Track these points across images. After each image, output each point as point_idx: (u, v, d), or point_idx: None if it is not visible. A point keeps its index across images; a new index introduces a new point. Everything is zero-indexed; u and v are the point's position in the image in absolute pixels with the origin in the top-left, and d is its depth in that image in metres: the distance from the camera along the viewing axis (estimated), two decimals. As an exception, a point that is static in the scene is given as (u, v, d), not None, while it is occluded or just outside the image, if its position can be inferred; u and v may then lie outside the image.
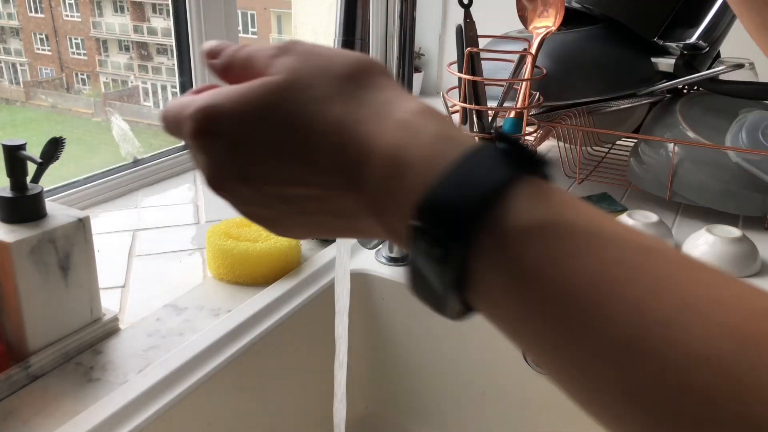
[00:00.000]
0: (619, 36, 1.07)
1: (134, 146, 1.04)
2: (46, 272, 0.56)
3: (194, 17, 1.07)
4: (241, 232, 0.75)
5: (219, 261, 0.73)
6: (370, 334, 0.82)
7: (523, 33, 1.06)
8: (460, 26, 0.90)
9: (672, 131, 0.98)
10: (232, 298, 0.71)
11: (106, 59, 1.34)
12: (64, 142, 0.58)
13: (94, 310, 0.62)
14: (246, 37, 1.79)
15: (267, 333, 0.67)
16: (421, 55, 1.63)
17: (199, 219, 0.92)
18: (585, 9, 1.08)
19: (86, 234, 0.59)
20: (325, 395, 0.57)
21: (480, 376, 0.76)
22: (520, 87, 0.92)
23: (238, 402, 0.66)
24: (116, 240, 0.84)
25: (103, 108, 1.27)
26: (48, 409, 0.53)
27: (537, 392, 0.74)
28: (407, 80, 0.73)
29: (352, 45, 0.51)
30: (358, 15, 0.52)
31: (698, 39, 1.00)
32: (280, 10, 1.96)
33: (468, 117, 0.92)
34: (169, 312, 0.68)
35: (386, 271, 0.79)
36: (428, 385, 0.81)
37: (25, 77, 1.16)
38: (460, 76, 0.90)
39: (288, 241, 0.75)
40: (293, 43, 0.30)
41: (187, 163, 1.10)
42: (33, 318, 0.56)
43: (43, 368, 0.57)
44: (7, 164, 0.56)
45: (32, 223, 0.56)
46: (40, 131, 1.19)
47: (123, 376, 0.58)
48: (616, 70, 1.06)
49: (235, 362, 0.63)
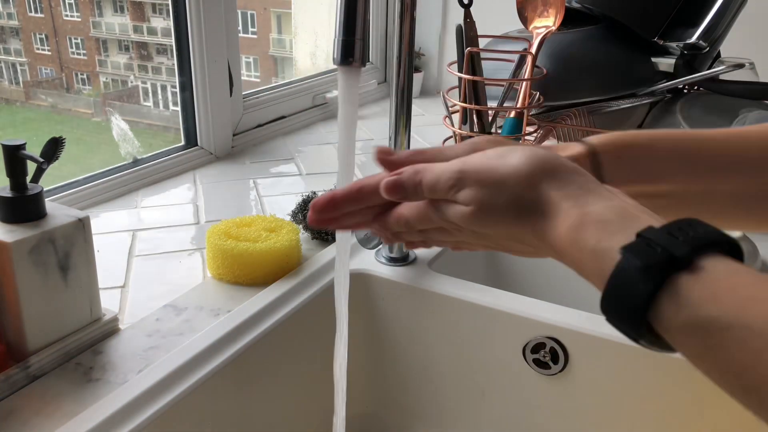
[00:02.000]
0: (619, 36, 1.07)
1: (134, 146, 1.04)
2: (46, 272, 0.56)
3: (194, 17, 1.07)
4: (240, 232, 0.75)
5: (219, 261, 0.73)
6: (370, 334, 0.82)
7: (523, 33, 1.06)
8: (460, 26, 0.90)
9: (672, 131, 0.98)
10: (232, 299, 0.71)
11: (106, 59, 1.34)
12: (64, 142, 0.58)
13: (94, 310, 0.62)
14: (246, 37, 1.78)
15: (267, 333, 0.67)
16: (421, 55, 1.63)
17: (198, 219, 0.92)
18: (585, 9, 1.08)
19: (86, 234, 0.59)
20: (325, 395, 0.57)
21: (480, 376, 0.76)
22: (520, 87, 0.92)
23: (238, 402, 0.65)
24: (116, 240, 0.84)
25: (103, 108, 1.27)
26: (48, 409, 0.53)
27: (537, 392, 0.74)
28: (407, 80, 0.73)
29: (353, 45, 0.51)
30: (358, 15, 0.51)
31: (698, 39, 1.00)
32: (280, 10, 1.95)
33: (468, 117, 0.92)
34: (169, 312, 0.68)
35: (386, 271, 0.79)
36: (428, 385, 0.81)
37: (24, 77, 1.16)
38: (460, 76, 0.90)
39: (288, 241, 0.75)
40: (464, 172, 0.37)
41: (186, 163, 1.10)
42: (33, 318, 0.56)
43: (42, 368, 0.57)
44: (7, 164, 0.56)
45: (32, 223, 0.56)
46: (39, 131, 1.19)
47: (123, 376, 0.58)
48: (616, 70, 1.06)
49: (235, 362, 0.63)
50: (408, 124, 0.75)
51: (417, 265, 0.79)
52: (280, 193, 1.02)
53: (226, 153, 1.17)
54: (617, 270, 0.30)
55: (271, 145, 1.24)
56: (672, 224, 0.30)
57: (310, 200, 0.85)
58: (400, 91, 0.73)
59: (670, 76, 1.05)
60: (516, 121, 0.92)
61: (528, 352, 0.71)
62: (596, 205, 0.33)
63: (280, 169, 1.12)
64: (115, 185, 0.98)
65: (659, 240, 0.29)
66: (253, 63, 1.90)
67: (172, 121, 1.19)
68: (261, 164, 1.14)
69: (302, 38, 1.67)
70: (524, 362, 0.72)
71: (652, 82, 1.05)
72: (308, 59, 1.67)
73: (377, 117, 1.46)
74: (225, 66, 1.14)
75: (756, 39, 1.24)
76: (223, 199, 0.99)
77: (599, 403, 0.71)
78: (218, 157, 1.15)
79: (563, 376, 0.72)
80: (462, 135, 0.91)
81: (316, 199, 0.42)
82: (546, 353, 0.71)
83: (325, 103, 1.42)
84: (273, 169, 1.12)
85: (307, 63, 1.67)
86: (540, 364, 0.72)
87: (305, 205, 0.84)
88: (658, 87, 1.05)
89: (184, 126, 1.14)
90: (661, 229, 0.30)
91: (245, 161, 1.15)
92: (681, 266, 0.28)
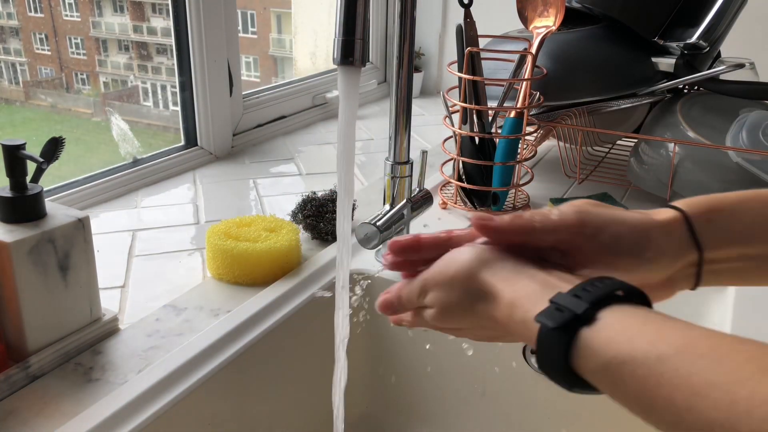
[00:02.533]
0: (619, 36, 1.07)
1: (134, 146, 1.04)
2: (46, 272, 0.56)
3: (194, 17, 1.07)
4: (240, 232, 0.75)
5: (219, 261, 0.73)
6: (370, 335, 0.81)
7: (523, 33, 1.06)
8: (460, 26, 0.90)
9: (672, 131, 0.98)
10: (232, 299, 0.71)
11: (105, 59, 1.34)
12: (64, 141, 0.58)
13: (94, 310, 0.62)
14: (246, 37, 1.78)
15: (267, 333, 0.67)
16: (421, 55, 1.63)
17: (198, 219, 0.92)
18: (585, 9, 1.08)
19: (86, 234, 0.59)
20: (325, 395, 0.57)
21: (480, 376, 0.76)
22: (521, 87, 0.92)
23: (238, 402, 0.65)
24: (116, 240, 0.84)
25: (103, 108, 1.27)
26: (48, 410, 0.53)
27: (537, 392, 0.74)
28: (407, 80, 0.73)
29: (352, 45, 0.51)
30: (358, 15, 0.51)
31: (698, 39, 1.00)
32: (279, 10, 1.95)
33: (468, 117, 0.92)
34: (169, 312, 0.68)
35: (386, 271, 0.79)
36: (428, 386, 0.81)
37: (24, 77, 1.16)
38: (460, 76, 0.90)
39: (288, 241, 0.74)
40: (426, 281, 0.43)
41: (186, 163, 1.10)
42: (32, 318, 0.56)
43: (42, 368, 0.57)
44: (7, 164, 0.56)
45: (32, 222, 0.56)
46: (39, 131, 1.19)
47: (123, 376, 0.58)
48: (616, 70, 1.06)
49: (235, 362, 0.63)
50: (408, 124, 0.75)
51: (417, 265, 0.79)
52: (280, 193, 1.02)
53: (226, 153, 1.17)
54: (539, 334, 0.34)
55: (271, 145, 1.24)
56: (578, 286, 0.35)
57: (310, 200, 0.85)
58: (400, 91, 0.73)
59: (670, 76, 1.04)
60: (516, 121, 0.92)
61: (528, 352, 0.71)
62: (523, 282, 0.38)
63: (279, 169, 1.12)
64: (115, 185, 0.98)
65: (565, 303, 0.34)
66: (253, 63, 1.89)
67: (171, 121, 1.19)
68: (261, 164, 1.14)
69: (302, 38, 1.67)
70: (524, 362, 0.72)
71: (652, 82, 1.05)
72: (308, 59, 1.67)
73: (377, 117, 1.46)
74: (225, 66, 1.14)
75: (756, 39, 1.24)
76: (223, 199, 0.99)
77: (599, 403, 0.71)
78: (218, 157, 1.15)
79: (563, 376, 0.71)
80: (462, 135, 0.91)
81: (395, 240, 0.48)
82: (546, 353, 0.71)
83: (325, 103, 1.42)
84: (273, 169, 1.12)
85: (307, 63, 1.67)
86: (540, 364, 0.72)
87: (305, 205, 0.84)
88: (658, 87, 1.05)
89: (183, 126, 1.14)
90: (567, 293, 0.35)
91: (245, 161, 1.15)
92: (583, 322, 0.33)
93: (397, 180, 0.76)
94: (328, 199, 0.85)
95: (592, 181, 1.05)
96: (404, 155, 0.76)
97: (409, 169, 0.77)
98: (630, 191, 1.04)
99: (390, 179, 0.77)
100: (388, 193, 0.77)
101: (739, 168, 0.90)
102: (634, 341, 0.31)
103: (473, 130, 0.93)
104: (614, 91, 1.05)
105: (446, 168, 1.01)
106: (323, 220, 0.83)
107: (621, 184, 1.04)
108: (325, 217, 0.83)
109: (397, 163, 0.76)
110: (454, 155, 0.94)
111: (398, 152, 0.76)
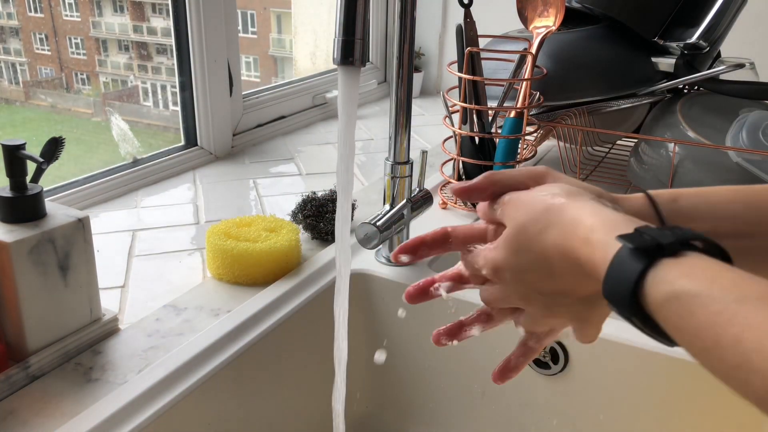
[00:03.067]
0: (619, 36, 1.07)
1: (134, 146, 1.04)
2: (46, 272, 0.56)
3: (194, 17, 1.07)
4: (240, 232, 0.75)
5: (219, 261, 0.73)
6: (370, 334, 0.82)
7: (523, 33, 1.06)
8: (460, 26, 0.90)
9: (672, 131, 0.98)
10: (232, 299, 0.71)
11: (105, 59, 1.34)
12: (64, 141, 0.58)
13: (94, 310, 0.62)
14: (246, 37, 1.78)
15: (267, 333, 0.67)
16: (421, 55, 1.63)
17: (198, 219, 0.92)
18: (585, 9, 1.08)
19: (86, 234, 0.59)
20: (325, 395, 0.57)
21: (480, 376, 0.76)
22: (520, 87, 0.92)
23: (238, 402, 0.65)
24: (116, 240, 0.84)
25: (103, 108, 1.27)
26: (48, 410, 0.53)
27: (537, 392, 0.74)
28: (407, 80, 0.73)
29: (352, 45, 0.51)
30: (358, 15, 0.51)
31: (698, 39, 1.00)
32: (279, 10, 1.95)
33: (468, 117, 0.92)
34: (169, 312, 0.68)
35: (386, 271, 0.79)
36: (428, 386, 0.81)
37: (24, 77, 1.16)
38: (460, 76, 0.90)
39: (288, 241, 0.74)
40: (508, 198, 0.44)
41: (186, 163, 1.10)
42: (32, 318, 0.56)
43: (42, 368, 0.57)
44: (7, 164, 0.56)
45: (32, 222, 0.56)
46: (39, 131, 1.19)
47: (122, 376, 0.58)
48: (616, 70, 1.06)
49: (235, 362, 0.63)
50: (408, 124, 0.75)
51: (417, 265, 0.79)
52: (280, 193, 1.02)
53: (226, 153, 1.17)
54: (617, 254, 0.34)
55: (271, 145, 1.24)
56: (668, 225, 0.35)
57: (310, 200, 0.85)
58: (400, 91, 0.73)
59: (670, 76, 1.04)
60: (516, 121, 0.92)
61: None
62: (606, 212, 0.38)
63: (279, 169, 1.12)
64: (115, 185, 0.98)
65: (651, 232, 0.34)
66: (253, 63, 1.90)
67: (171, 120, 1.19)
68: (261, 164, 1.14)
69: (302, 38, 1.67)
70: (524, 362, 0.72)
71: (652, 82, 1.05)
72: (308, 59, 1.67)
73: (377, 117, 1.46)
74: (225, 66, 1.14)
75: (756, 39, 1.24)
76: (222, 199, 0.99)
77: (599, 403, 0.71)
78: (218, 157, 1.15)
79: (563, 376, 0.72)
80: (462, 135, 0.91)
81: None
82: (546, 353, 0.71)
83: (325, 103, 1.42)
84: (273, 169, 1.12)
85: (306, 63, 1.67)
86: (540, 364, 0.72)
87: (305, 205, 0.84)
88: (658, 87, 1.05)
89: (183, 126, 1.14)
90: (656, 228, 0.35)
91: (245, 161, 1.15)
92: (666, 253, 0.33)
93: (397, 180, 0.77)
94: (328, 199, 0.85)
95: (592, 181, 1.05)
96: (404, 155, 0.76)
97: (409, 169, 0.77)
98: (630, 191, 1.04)
99: (390, 179, 0.77)
100: (388, 193, 0.78)
101: (739, 168, 0.90)
102: (716, 281, 0.31)
103: (473, 130, 0.93)
104: (614, 91, 1.05)
105: (446, 168, 1.01)
106: (323, 220, 0.83)
107: (621, 184, 1.04)
108: (325, 217, 0.83)
109: (397, 163, 0.76)
110: (454, 155, 0.94)
111: (398, 152, 0.76)
